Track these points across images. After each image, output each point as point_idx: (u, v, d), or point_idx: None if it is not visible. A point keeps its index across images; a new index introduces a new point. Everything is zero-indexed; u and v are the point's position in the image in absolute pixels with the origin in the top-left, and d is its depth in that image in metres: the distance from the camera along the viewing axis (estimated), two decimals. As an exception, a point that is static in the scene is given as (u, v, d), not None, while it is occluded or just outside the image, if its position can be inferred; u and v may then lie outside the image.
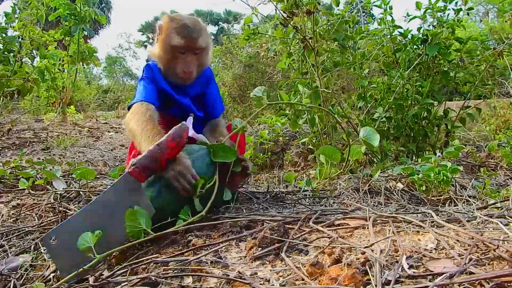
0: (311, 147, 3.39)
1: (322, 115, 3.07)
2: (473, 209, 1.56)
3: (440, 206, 2.01)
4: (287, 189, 2.40)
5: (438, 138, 3.41)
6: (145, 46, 37.88)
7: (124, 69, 32.21)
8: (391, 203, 2.06)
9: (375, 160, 3.22)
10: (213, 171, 1.65)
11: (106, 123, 7.54)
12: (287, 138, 4.10)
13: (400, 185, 2.31)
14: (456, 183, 2.30)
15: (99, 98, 13.05)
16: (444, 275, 0.83)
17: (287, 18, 3.02)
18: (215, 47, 15.20)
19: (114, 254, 1.40)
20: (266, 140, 3.92)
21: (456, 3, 2.98)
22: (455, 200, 2.05)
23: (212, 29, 38.49)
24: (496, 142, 3.20)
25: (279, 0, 3.01)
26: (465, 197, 2.09)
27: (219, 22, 38.25)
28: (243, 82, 11.47)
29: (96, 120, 7.99)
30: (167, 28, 1.97)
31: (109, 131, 6.31)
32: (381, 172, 2.54)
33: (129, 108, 1.93)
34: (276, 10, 3.13)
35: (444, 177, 2.12)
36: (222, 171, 1.69)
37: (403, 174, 2.40)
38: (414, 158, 3.31)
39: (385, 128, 3.29)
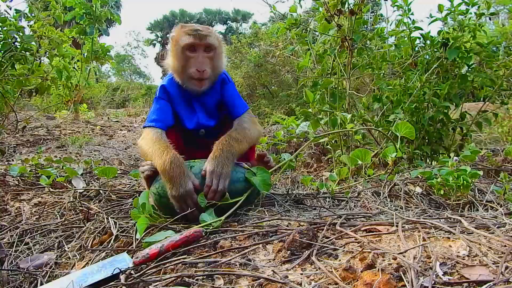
0: (329, 147, 3.35)
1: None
2: (501, 215, 1.55)
3: (460, 211, 2.00)
4: (305, 191, 2.41)
5: (453, 141, 3.38)
6: (154, 45, 38.14)
7: (132, 67, 32.38)
8: (411, 207, 2.05)
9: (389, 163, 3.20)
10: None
11: (117, 121, 7.58)
12: (301, 139, 4.10)
13: (418, 189, 2.30)
14: (475, 188, 2.29)
15: (108, 96, 13.13)
16: (488, 284, 0.83)
17: (333, 15, 3.01)
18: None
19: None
20: (280, 141, 3.92)
21: (479, 7, 2.95)
22: (476, 205, 2.04)
23: (220, 28, 38.56)
24: (513, 147, 3.18)
25: None
26: (485, 202, 2.08)
27: (228, 21, 38.27)
28: (252, 82, 11.45)
29: (108, 118, 8.04)
30: (178, 34, 2.06)
31: (121, 130, 6.35)
32: (398, 175, 2.53)
33: (144, 126, 2.07)
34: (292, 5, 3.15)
35: (464, 181, 2.11)
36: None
37: (420, 177, 2.39)
38: (428, 160, 3.29)
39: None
